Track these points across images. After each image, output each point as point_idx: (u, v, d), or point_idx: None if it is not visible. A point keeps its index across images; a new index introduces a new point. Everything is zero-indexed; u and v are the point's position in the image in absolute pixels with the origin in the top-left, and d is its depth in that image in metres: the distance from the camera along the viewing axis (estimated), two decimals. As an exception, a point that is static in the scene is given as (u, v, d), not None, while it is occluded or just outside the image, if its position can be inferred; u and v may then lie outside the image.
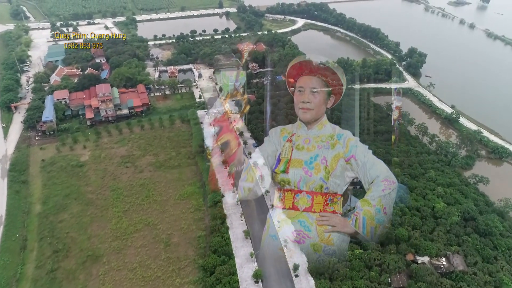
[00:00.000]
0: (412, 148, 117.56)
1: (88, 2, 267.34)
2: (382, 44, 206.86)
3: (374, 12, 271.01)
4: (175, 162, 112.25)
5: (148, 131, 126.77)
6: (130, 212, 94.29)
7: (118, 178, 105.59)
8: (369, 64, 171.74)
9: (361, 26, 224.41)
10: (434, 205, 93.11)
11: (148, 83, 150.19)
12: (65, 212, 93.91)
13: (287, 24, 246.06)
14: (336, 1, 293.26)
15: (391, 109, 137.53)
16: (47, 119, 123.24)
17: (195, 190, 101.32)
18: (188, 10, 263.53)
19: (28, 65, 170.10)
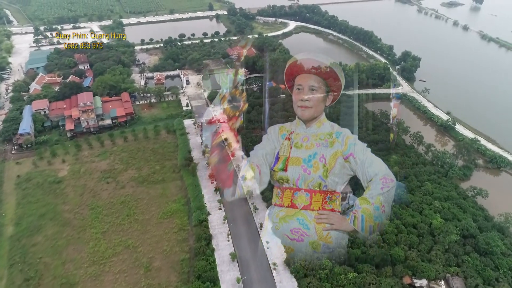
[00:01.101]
0: (408, 159, 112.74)
1: (74, 5, 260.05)
2: (375, 48, 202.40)
3: (366, 14, 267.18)
4: (159, 176, 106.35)
5: (131, 143, 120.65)
6: (109, 233, 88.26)
7: (98, 195, 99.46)
8: (362, 69, 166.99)
9: (354, 29, 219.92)
10: (431, 221, 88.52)
11: (133, 91, 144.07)
12: (39, 234, 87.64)
13: (279, 27, 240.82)
14: (328, 2, 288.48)
15: (386, 116, 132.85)
16: (24, 131, 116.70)
17: (179, 208, 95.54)
18: (177, 13, 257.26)
19: (8, 72, 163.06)
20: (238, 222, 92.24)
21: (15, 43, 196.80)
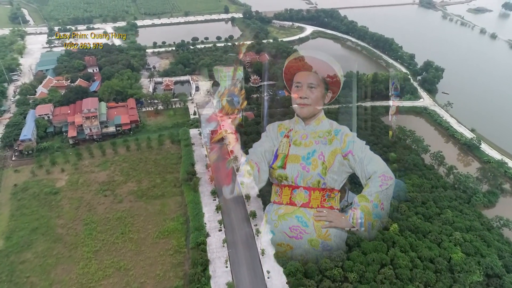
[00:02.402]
0: (426, 181, 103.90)
1: (90, 6, 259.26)
2: (396, 56, 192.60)
3: (388, 20, 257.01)
4: (158, 191, 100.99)
5: (134, 153, 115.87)
6: (101, 252, 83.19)
7: (94, 209, 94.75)
8: (380, 79, 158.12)
9: (373, 36, 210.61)
10: (451, 255, 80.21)
11: (139, 97, 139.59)
12: (29, 251, 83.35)
13: (295, 31, 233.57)
14: (348, 7, 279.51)
15: (404, 132, 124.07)
16: (25, 137, 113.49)
17: (177, 227, 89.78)
18: (192, 15, 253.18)
19: (18, 74, 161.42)
20: (238, 246, 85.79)
21: (28, 43, 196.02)
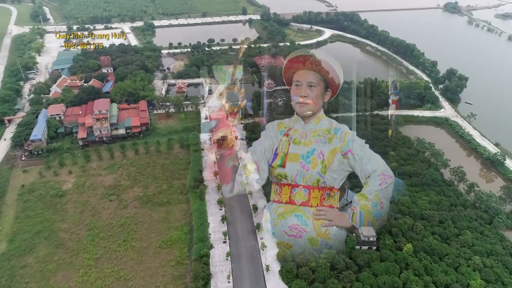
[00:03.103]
0: (445, 199, 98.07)
1: (109, 5, 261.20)
2: (417, 63, 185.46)
3: (410, 25, 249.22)
4: (164, 197, 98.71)
5: (142, 156, 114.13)
6: (102, 260, 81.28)
7: (98, 214, 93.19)
8: (400, 87, 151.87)
9: (394, 41, 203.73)
10: (469, 282, 74.75)
11: (151, 99, 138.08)
12: (31, 255, 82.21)
13: (313, 34, 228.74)
14: (369, 10, 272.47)
15: (422, 144, 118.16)
16: (35, 137, 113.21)
17: (180, 237, 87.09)
18: (210, 16, 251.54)
19: (34, 72, 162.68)
20: (242, 260, 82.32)
21: (47, 42, 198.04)
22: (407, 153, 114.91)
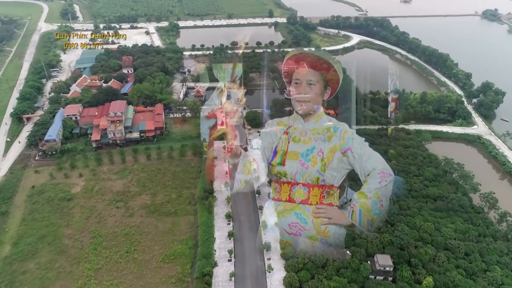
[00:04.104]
0: (473, 228, 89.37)
1: (137, 4, 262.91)
2: (450, 74, 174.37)
3: (444, 33, 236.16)
4: (172, 207, 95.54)
5: (153, 162, 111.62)
6: (102, 271, 78.77)
7: (104, 221, 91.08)
8: (429, 100, 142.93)
9: (426, 49, 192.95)
10: (496, 327, 66.70)
11: (168, 103, 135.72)
12: (32, 260, 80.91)
13: (340, 40, 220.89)
14: (401, 15, 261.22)
15: (451, 165, 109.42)
16: (49, 137, 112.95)
17: (184, 251, 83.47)
18: (236, 18, 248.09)
19: (57, 70, 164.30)
20: (246, 281, 77.93)
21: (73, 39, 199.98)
22: (433, 174, 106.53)
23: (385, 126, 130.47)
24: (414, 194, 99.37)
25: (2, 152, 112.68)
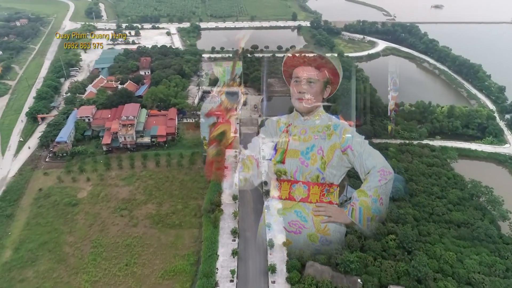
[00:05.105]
0: (500, 261, 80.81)
1: (161, 4, 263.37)
2: (481, 86, 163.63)
3: (477, 41, 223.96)
4: (177, 219, 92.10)
5: (162, 169, 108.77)
6: (100, 284, 76.02)
7: (107, 230, 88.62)
8: (457, 114, 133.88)
9: (456, 59, 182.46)
10: None
11: (182, 107, 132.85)
12: (31, 268, 79.15)
13: (365, 46, 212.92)
14: (431, 22, 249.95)
15: (478, 188, 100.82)
16: (60, 139, 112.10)
17: (185, 268, 79.67)
18: (258, 21, 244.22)
19: (76, 69, 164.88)
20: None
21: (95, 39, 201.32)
22: (457, 196, 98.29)
23: (408, 140, 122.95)
24: (435, 218, 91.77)
25: (13, 152, 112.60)
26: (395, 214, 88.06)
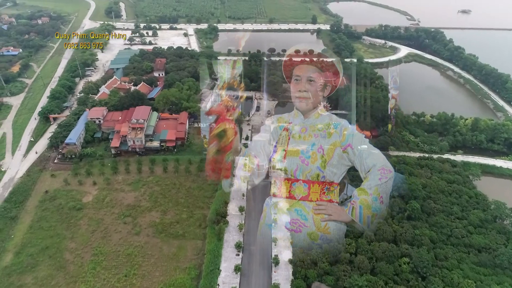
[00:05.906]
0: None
1: (180, 5, 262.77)
2: (509, 98, 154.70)
3: (506, 50, 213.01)
4: (180, 229, 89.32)
5: (170, 175, 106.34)
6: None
7: (109, 237, 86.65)
8: (482, 127, 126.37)
9: (483, 68, 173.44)
10: None
11: (194, 111, 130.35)
12: (31, 274, 77.79)
13: (386, 51, 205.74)
14: (457, 27, 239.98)
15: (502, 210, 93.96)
16: (70, 141, 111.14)
17: (185, 282, 76.75)
18: (277, 23, 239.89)
19: (92, 69, 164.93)
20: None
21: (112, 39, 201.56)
22: (479, 218, 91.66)
23: (428, 154, 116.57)
24: (454, 241, 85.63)
25: (23, 152, 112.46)
26: (410, 235, 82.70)
